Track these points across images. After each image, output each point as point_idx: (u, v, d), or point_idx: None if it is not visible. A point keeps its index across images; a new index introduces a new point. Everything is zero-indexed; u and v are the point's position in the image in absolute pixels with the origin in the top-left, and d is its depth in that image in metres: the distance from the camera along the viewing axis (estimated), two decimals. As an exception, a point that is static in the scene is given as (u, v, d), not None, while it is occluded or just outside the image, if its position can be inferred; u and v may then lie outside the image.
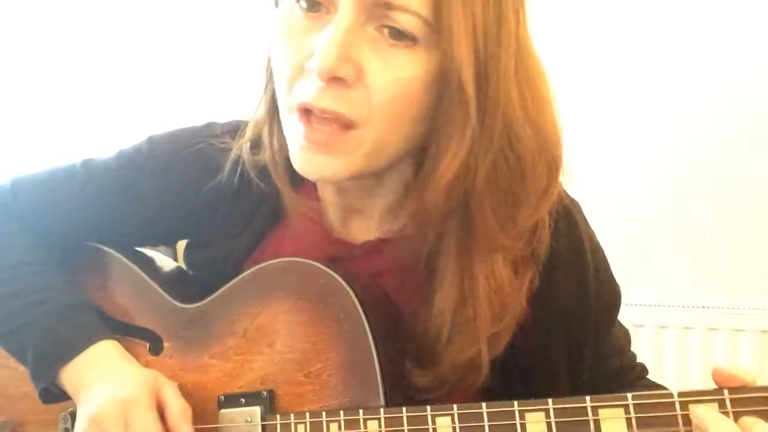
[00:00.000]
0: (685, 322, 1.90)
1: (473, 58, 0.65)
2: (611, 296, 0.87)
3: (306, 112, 0.69)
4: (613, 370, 0.91)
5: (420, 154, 0.74)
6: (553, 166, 0.74)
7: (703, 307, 1.86)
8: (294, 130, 0.71)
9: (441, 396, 0.78)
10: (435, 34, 0.65)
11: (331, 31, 0.65)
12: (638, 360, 0.97)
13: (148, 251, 1.00)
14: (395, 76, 0.66)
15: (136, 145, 0.90)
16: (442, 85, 0.67)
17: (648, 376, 0.97)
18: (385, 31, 0.66)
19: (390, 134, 0.69)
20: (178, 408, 0.81)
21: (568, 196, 0.85)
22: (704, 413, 0.63)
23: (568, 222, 0.83)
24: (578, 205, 0.87)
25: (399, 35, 0.65)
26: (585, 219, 0.87)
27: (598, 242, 0.87)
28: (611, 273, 0.88)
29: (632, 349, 0.96)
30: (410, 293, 0.83)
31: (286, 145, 0.77)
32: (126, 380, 0.81)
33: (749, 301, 1.80)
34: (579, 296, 0.83)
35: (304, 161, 0.71)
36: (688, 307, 1.86)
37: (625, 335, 0.95)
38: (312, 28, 0.68)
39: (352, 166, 0.71)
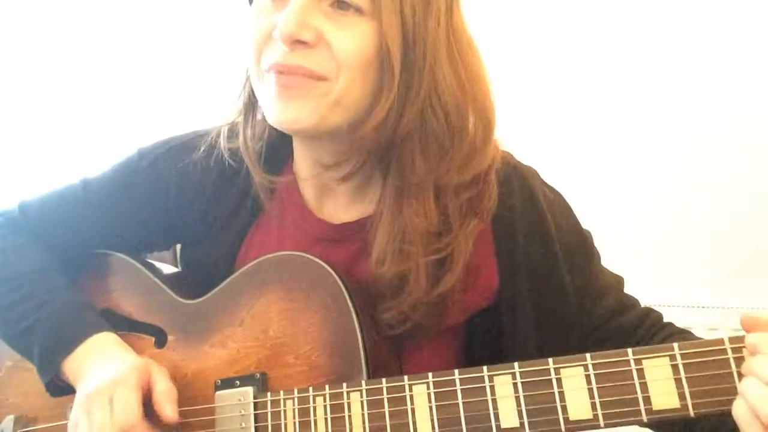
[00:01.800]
0: (685, 322, 1.89)
1: (400, 24, 0.78)
2: (577, 238, 0.94)
3: (277, 69, 0.79)
4: (612, 309, 0.93)
5: None
6: (487, 126, 0.85)
7: (703, 307, 1.86)
8: (267, 87, 0.81)
9: (410, 334, 0.87)
10: (372, 4, 0.77)
11: (290, 5, 0.78)
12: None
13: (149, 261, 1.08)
14: (351, 35, 0.78)
15: (127, 156, 1.00)
16: (380, 49, 0.79)
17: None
18: (336, 5, 0.78)
19: (353, 87, 0.79)
20: (163, 388, 0.86)
21: (522, 164, 0.95)
22: (758, 339, 0.66)
23: (520, 181, 0.92)
24: (534, 170, 0.96)
25: (347, 7, 0.78)
26: (540, 179, 0.96)
27: (557, 197, 0.96)
28: (575, 219, 0.96)
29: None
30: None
31: (261, 131, 0.90)
32: (118, 363, 0.87)
33: (749, 301, 1.80)
34: (541, 244, 0.91)
35: (278, 110, 0.81)
36: (688, 307, 1.87)
37: (615, 277, 0.98)
38: (276, 9, 0.80)
39: (320, 112, 0.80)
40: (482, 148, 0.85)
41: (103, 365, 0.87)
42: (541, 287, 0.90)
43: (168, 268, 1.07)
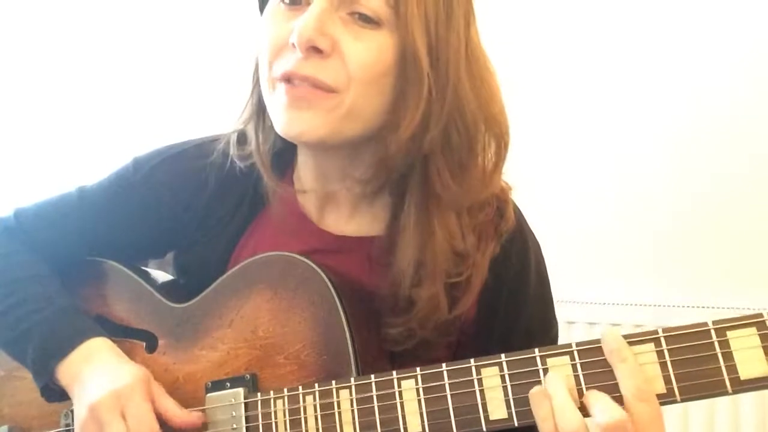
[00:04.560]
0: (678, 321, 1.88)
1: (425, 38, 0.78)
2: (543, 326, 0.97)
3: (288, 77, 0.79)
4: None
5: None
6: (501, 142, 0.86)
7: (700, 307, 1.87)
8: (277, 96, 0.81)
9: (416, 350, 0.87)
10: (395, 17, 0.77)
11: (308, 11, 0.77)
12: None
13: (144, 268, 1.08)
14: (366, 46, 0.77)
15: (123, 166, 1.00)
16: (403, 63, 0.78)
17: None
18: (355, 15, 0.78)
19: (365, 100, 0.79)
20: (171, 408, 0.86)
21: (529, 230, 0.96)
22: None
23: (520, 250, 0.94)
24: (536, 240, 0.97)
25: (366, 19, 0.77)
26: (538, 249, 0.97)
27: (545, 278, 0.98)
28: (551, 306, 0.99)
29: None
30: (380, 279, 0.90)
31: (270, 138, 0.89)
32: (120, 374, 0.87)
33: (742, 301, 1.80)
34: (516, 314, 0.94)
35: (287, 119, 0.80)
36: (686, 307, 1.87)
37: (555, 336, 1.00)
38: (292, 16, 0.79)
39: (331, 124, 0.79)
40: (495, 166, 0.86)
41: (100, 373, 0.87)
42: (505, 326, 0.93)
43: (166, 277, 1.07)
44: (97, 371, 0.88)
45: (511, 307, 0.93)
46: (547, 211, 0.99)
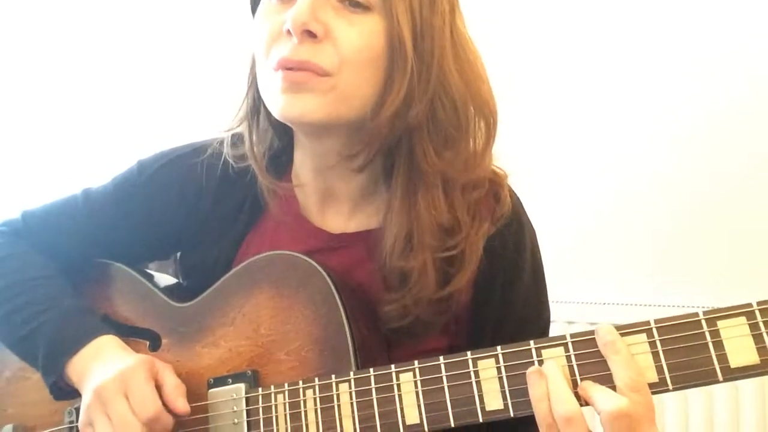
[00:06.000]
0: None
1: (410, 20, 0.81)
2: (535, 313, 0.99)
3: (284, 64, 0.81)
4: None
5: None
6: (490, 120, 0.88)
7: (700, 307, 1.86)
8: (273, 82, 0.83)
9: (413, 330, 0.89)
10: (382, 1, 0.80)
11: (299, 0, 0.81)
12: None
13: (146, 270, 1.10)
14: (358, 31, 0.81)
15: (127, 169, 1.02)
16: (391, 45, 0.81)
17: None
18: (345, 2, 0.81)
19: (357, 83, 0.82)
20: (173, 384, 0.88)
21: (526, 217, 0.98)
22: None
23: (515, 234, 0.95)
24: (532, 227, 0.99)
25: (357, 4, 0.81)
26: (533, 236, 0.99)
27: (540, 268, 1.00)
28: (545, 296, 1.00)
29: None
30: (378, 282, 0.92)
31: (266, 139, 0.91)
32: (125, 360, 0.89)
33: (741, 302, 1.80)
34: (506, 300, 0.95)
35: (284, 102, 0.82)
36: (686, 307, 1.87)
37: (547, 320, 1.02)
38: (285, 9, 0.82)
39: (327, 107, 0.82)
40: (485, 145, 0.88)
41: (108, 365, 0.89)
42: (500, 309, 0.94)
43: (169, 279, 1.09)
44: (105, 365, 0.90)
45: (506, 289, 0.94)
46: (546, 211, 0.99)
